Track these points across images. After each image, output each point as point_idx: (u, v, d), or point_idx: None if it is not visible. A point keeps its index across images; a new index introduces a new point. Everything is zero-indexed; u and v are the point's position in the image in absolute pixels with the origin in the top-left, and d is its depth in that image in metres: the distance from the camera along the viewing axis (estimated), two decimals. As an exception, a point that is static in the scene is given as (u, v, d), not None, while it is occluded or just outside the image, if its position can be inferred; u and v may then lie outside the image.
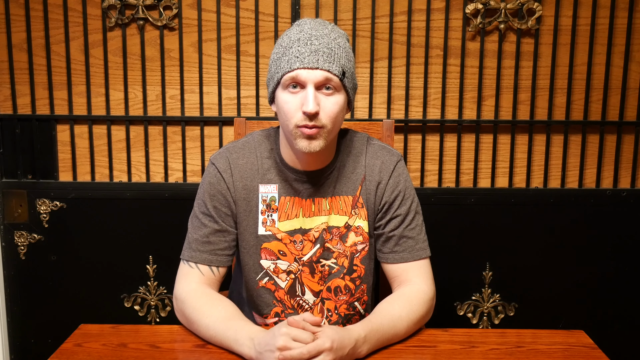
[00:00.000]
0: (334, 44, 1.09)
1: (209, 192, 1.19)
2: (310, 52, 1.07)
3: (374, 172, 1.21)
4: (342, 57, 1.10)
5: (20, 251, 1.90)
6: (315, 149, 1.10)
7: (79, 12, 1.79)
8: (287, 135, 1.13)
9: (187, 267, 1.18)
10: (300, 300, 1.22)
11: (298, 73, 1.07)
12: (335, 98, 1.10)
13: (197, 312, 1.10)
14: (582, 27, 1.81)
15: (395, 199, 1.20)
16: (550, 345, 1.09)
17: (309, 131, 1.08)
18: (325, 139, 1.10)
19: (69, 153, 1.87)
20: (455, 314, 1.95)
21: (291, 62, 1.07)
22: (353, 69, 1.14)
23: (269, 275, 1.21)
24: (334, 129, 1.12)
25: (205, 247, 1.17)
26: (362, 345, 1.01)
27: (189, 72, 1.83)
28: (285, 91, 1.10)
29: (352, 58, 1.14)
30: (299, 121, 1.08)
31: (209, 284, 1.17)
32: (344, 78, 1.10)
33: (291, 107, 1.09)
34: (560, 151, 1.88)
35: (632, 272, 1.93)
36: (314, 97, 1.07)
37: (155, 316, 1.96)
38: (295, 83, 1.08)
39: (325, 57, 1.07)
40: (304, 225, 1.20)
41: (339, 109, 1.11)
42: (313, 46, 1.07)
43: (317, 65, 1.07)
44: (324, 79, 1.08)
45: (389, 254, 1.20)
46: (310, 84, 1.07)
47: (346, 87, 1.12)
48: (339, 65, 1.09)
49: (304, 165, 1.18)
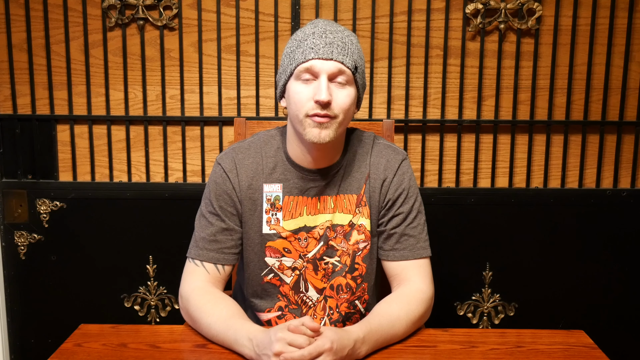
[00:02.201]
0: (348, 40, 1.13)
1: (215, 192, 1.20)
2: (325, 44, 1.10)
3: (378, 170, 1.22)
4: (354, 52, 1.13)
5: (20, 251, 1.90)
6: (325, 139, 1.11)
7: (79, 12, 1.79)
8: (297, 127, 1.14)
9: (192, 265, 1.19)
10: (304, 297, 1.23)
11: (312, 63, 1.09)
12: (347, 91, 1.12)
13: (199, 310, 1.11)
14: (582, 27, 1.81)
15: (399, 197, 1.21)
16: (550, 345, 1.09)
17: (321, 119, 1.09)
18: (336, 130, 1.12)
19: (69, 153, 1.87)
20: (455, 314, 1.95)
21: (306, 53, 1.10)
22: (364, 68, 1.17)
23: (274, 272, 1.22)
24: (345, 121, 1.14)
25: (212, 245, 1.18)
26: (361, 346, 1.02)
27: (189, 72, 1.83)
28: (298, 81, 1.12)
29: (363, 57, 1.17)
30: (310, 110, 1.10)
31: (214, 283, 1.18)
32: (356, 72, 1.12)
33: (303, 96, 1.11)
34: (560, 151, 1.88)
35: (632, 272, 1.93)
36: (327, 87, 1.09)
37: (155, 316, 1.96)
38: (309, 74, 1.10)
39: (340, 50, 1.10)
40: (309, 223, 1.21)
41: (350, 101, 1.13)
42: (328, 39, 1.10)
43: (332, 57, 1.09)
44: (338, 70, 1.10)
45: (390, 252, 1.21)
46: (323, 74, 1.09)
47: (357, 82, 1.14)
48: (352, 59, 1.11)
49: (312, 162, 1.19)
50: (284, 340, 0.95)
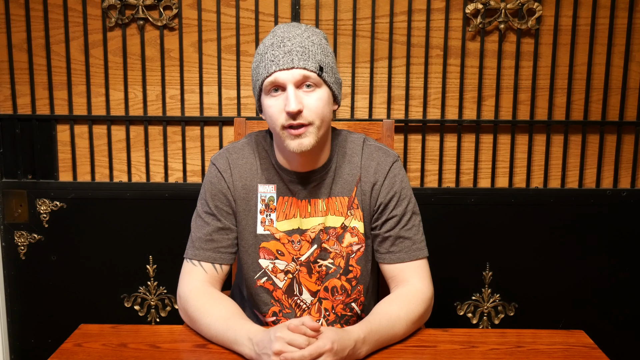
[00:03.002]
0: (307, 42, 1.11)
1: (211, 192, 1.20)
2: (284, 54, 1.09)
3: (369, 173, 1.21)
4: (317, 53, 1.11)
5: (20, 251, 1.90)
6: (307, 148, 1.11)
7: (79, 12, 1.79)
8: (277, 139, 1.16)
9: (190, 266, 1.19)
10: (298, 300, 1.22)
11: (276, 76, 1.09)
12: (317, 94, 1.11)
13: (198, 311, 1.11)
14: (582, 27, 1.81)
15: (391, 200, 1.20)
16: (550, 345, 1.09)
17: (296, 131, 1.10)
18: (316, 135, 1.11)
19: (69, 153, 1.87)
20: (455, 314, 1.95)
21: (268, 67, 1.10)
22: (333, 64, 1.15)
23: (267, 275, 1.21)
24: (323, 124, 1.13)
25: (209, 245, 1.18)
26: (362, 346, 1.02)
27: (189, 72, 1.83)
28: (268, 96, 1.12)
29: (330, 53, 1.16)
30: (285, 121, 1.10)
31: (211, 282, 1.18)
32: (322, 73, 1.11)
33: (275, 110, 1.11)
34: (560, 151, 1.88)
35: (632, 272, 1.93)
36: (294, 96, 1.09)
37: (155, 316, 1.96)
38: (276, 86, 1.10)
39: (300, 56, 1.09)
40: (302, 225, 1.21)
41: (322, 104, 1.12)
42: (286, 47, 1.09)
43: (293, 65, 1.09)
44: (302, 77, 1.09)
45: (386, 255, 1.20)
46: (289, 84, 1.09)
47: (327, 81, 1.13)
48: (314, 61, 1.10)
49: (297, 166, 1.19)
50: (284, 339, 0.95)
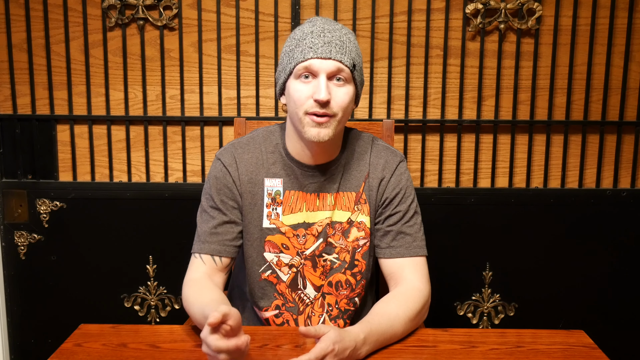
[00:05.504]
0: (345, 38, 1.14)
1: (216, 187, 1.21)
2: (323, 43, 1.11)
3: (377, 169, 1.23)
4: (352, 50, 1.14)
5: (20, 251, 1.90)
6: (324, 138, 1.12)
7: (79, 12, 1.79)
8: (296, 125, 1.15)
9: (192, 259, 1.21)
10: (302, 294, 1.24)
11: (311, 62, 1.11)
12: (346, 89, 1.14)
13: (187, 302, 1.14)
14: (582, 27, 1.81)
15: (396, 196, 1.22)
16: (550, 345, 1.09)
17: (319, 119, 1.11)
18: (335, 128, 1.13)
19: (69, 153, 1.87)
20: (455, 314, 1.95)
21: (305, 52, 1.11)
22: (361, 65, 1.18)
23: (272, 268, 1.22)
24: (343, 119, 1.15)
25: (213, 237, 1.19)
26: (362, 346, 1.02)
27: (189, 72, 1.83)
28: (298, 80, 1.13)
29: (361, 55, 1.18)
30: (309, 108, 1.11)
31: (210, 274, 1.19)
32: (354, 70, 1.14)
33: (302, 95, 1.12)
34: (560, 151, 1.88)
35: (632, 272, 1.93)
36: (326, 85, 1.10)
37: (155, 316, 1.96)
38: (308, 73, 1.12)
39: (338, 49, 1.11)
40: (308, 219, 1.22)
41: (349, 99, 1.14)
42: (326, 38, 1.11)
43: (330, 56, 1.10)
44: (336, 69, 1.11)
45: (386, 249, 1.21)
46: (322, 73, 1.11)
47: (356, 80, 1.15)
48: (350, 57, 1.13)
49: (311, 158, 1.20)
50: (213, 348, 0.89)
